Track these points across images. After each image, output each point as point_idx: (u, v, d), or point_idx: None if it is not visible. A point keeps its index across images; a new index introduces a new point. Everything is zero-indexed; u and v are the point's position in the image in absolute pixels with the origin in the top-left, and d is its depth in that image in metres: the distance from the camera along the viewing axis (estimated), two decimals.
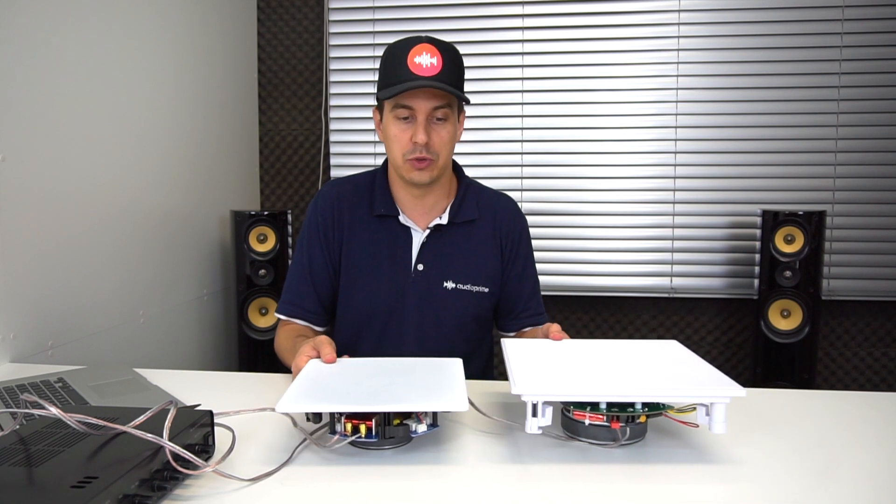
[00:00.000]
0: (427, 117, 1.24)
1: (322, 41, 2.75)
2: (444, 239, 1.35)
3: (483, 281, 1.35)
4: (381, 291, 1.33)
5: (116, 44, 1.75)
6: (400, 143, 1.26)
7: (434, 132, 1.25)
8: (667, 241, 2.60)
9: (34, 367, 1.31)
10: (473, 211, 1.37)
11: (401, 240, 1.34)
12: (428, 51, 1.22)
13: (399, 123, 1.26)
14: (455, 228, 1.35)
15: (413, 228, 1.34)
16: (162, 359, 2.00)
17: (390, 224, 1.35)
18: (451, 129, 1.27)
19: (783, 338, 2.27)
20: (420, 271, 1.33)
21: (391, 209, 1.34)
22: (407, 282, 1.33)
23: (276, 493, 0.74)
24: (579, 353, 0.99)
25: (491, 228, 1.38)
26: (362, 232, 1.35)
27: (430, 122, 1.25)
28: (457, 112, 1.30)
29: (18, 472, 0.65)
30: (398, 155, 1.27)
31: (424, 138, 1.23)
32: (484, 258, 1.36)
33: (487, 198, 1.41)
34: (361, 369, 0.97)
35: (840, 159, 2.50)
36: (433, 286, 1.33)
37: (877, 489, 0.75)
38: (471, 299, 1.34)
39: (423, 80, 1.21)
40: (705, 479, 0.78)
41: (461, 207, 1.36)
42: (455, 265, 1.34)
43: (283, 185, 2.83)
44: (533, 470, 0.80)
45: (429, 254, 1.34)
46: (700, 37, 2.53)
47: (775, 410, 1.02)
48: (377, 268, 1.34)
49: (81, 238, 1.60)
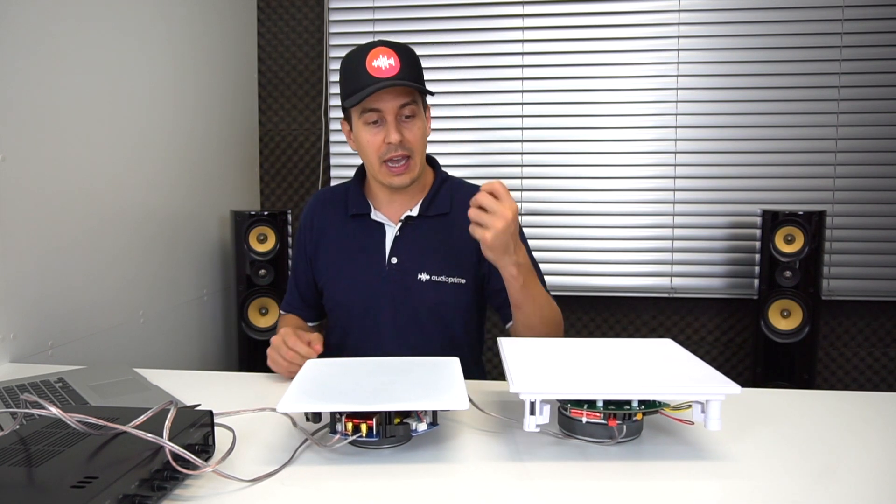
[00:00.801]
0: (396, 116, 1.26)
1: (322, 41, 2.75)
2: (416, 232, 1.37)
3: (459, 272, 1.36)
4: (357, 286, 1.37)
5: (117, 44, 1.76)
6: (373, 146, 1.28)
7: (406, 130, 1.27)
8: (667, 241, 2.60)
9: (34, 367, 1.31)
10: (446, 204, 1.38)
11: (374, 235, 1.38)
12: (384, 53, 1.24)
13: (369, 128, 1.28)
14: (428, 221, 1.37)
15: (386, 223, 1.38)
16: (162, 359, 2.01)
17: (364, 222, 1.39)
18: (420, 125, 1.30)
19: (783, 338, 2.27)
20: (394, 264, 1.36)
21: (363, 207, 1.39)
22: (381, 275, 1.36)
23: (277, 493, 0.74)
24: (576, 352, 0.99)
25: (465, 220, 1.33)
26: (336, 233, 1.41)
27: (400, 121, 1.27)
28: (423, 108, 1.33)
29: (18, 471, 0.65)
30: (374, 160, 1.29)
31: (398, 136, 1.25)
32: (459, 249, 1.36)
33: (465, 192, 1.39)
34: (360, 369, 0.97)
35: (840, 159, 2.50)
36: (408, 278, 1.35)
37: (876, 489, 0.75)
38: (447, 291, 1.35)
39: (385, 81, 1.22)
40: (701, 476, 0.79)
41: (433, 201, 1.38)
42: (429, 257, 1.36)
43: (283, 185, 2.84)
44: (531, 467, 0.81)
45: (402, 247, 1.36)
46: (700, 37, 2.54)
47: (773, 409, 1.02)
48: (351, 264, 1.38)
49: (82, 238, 1.61)
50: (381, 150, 1.27)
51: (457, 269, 1.36)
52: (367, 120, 1.27)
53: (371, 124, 1.27)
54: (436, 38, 2.64)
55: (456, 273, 1.36)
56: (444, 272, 1.35)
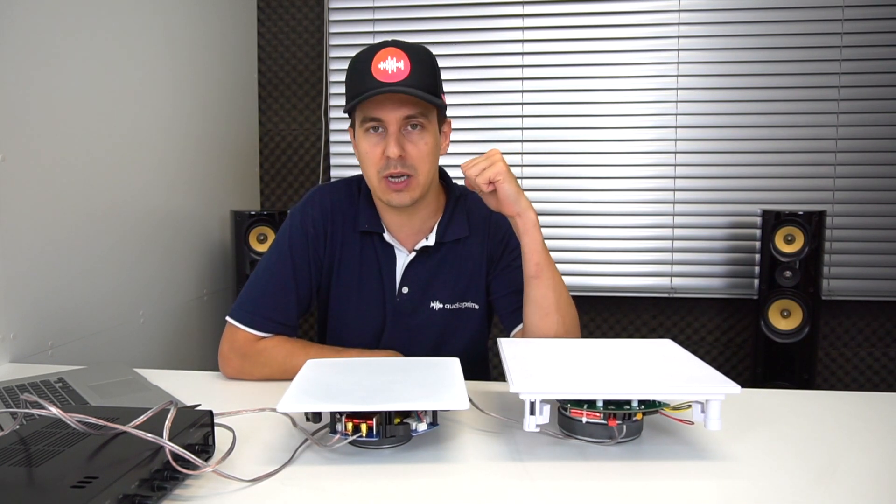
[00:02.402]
0: (399, 128, 1.12)
1: (322, 41, 2.75)
2: (430, 261, 1.26)
3: (472, 296, 1.28)
4: (368, 315, 1.26)
5: (117, 44, 1.76)
6: (372, 158, 1.14)
7: (410, 144, 1.13)
8: (667, 241, 2.60)
9: (34, 367, 1.31)
10: (463, 228, 1.26)
11: (385, 260, 1.26)
12: (393, 55, 1.10)
13: (370, 138, 1.14)
14: (443, 247, 1.26)
15: (397, 248, 1.25)
16: (162, 359, 2.01)
17: (375, 242, 1.26)
18: (430, 140, 1.15)
19: (783, 338, 2.27)
20: (405, 294, 1.25)
21: (376, 226, 1.24)
22: (391, 306, 1.26)
23: (277, 493, 0.74)
24: (576, 352, 0.99)
25: (480, 242, 1.28)
26: (350, 250, 1.26)
27: (404, 134, 1.13)
28: (436, 121, 1.18)
29: (18, 471, 0.65)
30: (373, 174, 1.15)
31: (397, 151, 1.11)
32: (472, 273, 1.27)
33: (479, 212, 1.28)
34: (361, 369, 0.97)
35: (840, 159, 2.50)
36: (418, 308, 1.26)
37: (875, 488, 0.75)
38: (459, 318, 1.28)
39: (387, 87, 1.08)
40: (701, 476, 0.79)
41: (449, 226, 1.25)
42: (442, 284, 1.26)
43: (282, 185, 2.84)
44: (531, 467, 0.81)
45: (413, 276, 1.25)
46: (700, 37, 2.54)
47: (772, 409, 1.02)
48: (360, 290, 1.26)
49: (81, 238, 1.61)
50: (379, 163, 1.13)
51: (469, 294, 1.28)
52: (367, 128, 1.14)
53: (372, 133, 1.14)
54: (436, 38, 2.64)
55: (469, 297, 1.28)
56: (458, 299, 1.27)
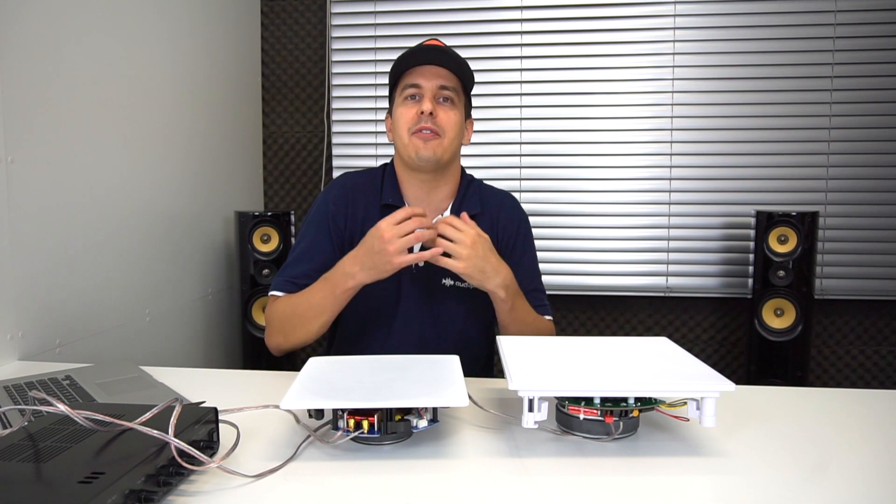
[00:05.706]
0: (433, 95, 1.26)
1: (324, 45, 2.77)
2: None
3: None
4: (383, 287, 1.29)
5: (123, 48, 1.77)
6: (406, 119, 1.27)
7: (441, 109, 1.27)
8: (662, 241, 2.62)
9: (42, 365, 1.32)
10: (476, 204, 1.36)
11: None
12: (437, 43, 1.29)
13: (406, 104, 1.28)
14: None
15: None
16: (167, 357, 2.02)
17: None
18: (458, 115, 1.29)
19: (776, 336, 2.29)
20: (420, 267, 1.32)
21: (398, 200, 1.34)
22: (406, 277, 1.32)
23: (280, 488, 0.75)
24: (573, 350, 1.00)
25: (491, 225, 1.36)
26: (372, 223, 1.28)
27: (437, 102, 1.27)
28: (463, 107, 1.32)
29: (27, 467, 0.65)
30: (404, 133, 1.28)
31: (430, 106, 1.24)
32: None
33: (489, 195, 1.41)
34: (362, 366, 0.98)
35: (832, 161, 2.52)
36: (433, 283, 1.33)
37: (867, 484, 0.77)
38: (468, 297, 1.33)
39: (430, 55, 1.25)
40: (696, 472, 0.80)
41: (464, 201, 1.36)
42: None
43: (286, 186, 2.85)
44: (529, 464, 0.82)
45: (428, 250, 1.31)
46: (695, 41, 2.56)
47: (766, 406, 1.03)
48: None
49: (89, 239, 1.62)
50: (412, 121, 1.26)
51: None
52: (406, 95, 1.28)
53: (409, 100, 1.28)
54: None
55: None
56: None
